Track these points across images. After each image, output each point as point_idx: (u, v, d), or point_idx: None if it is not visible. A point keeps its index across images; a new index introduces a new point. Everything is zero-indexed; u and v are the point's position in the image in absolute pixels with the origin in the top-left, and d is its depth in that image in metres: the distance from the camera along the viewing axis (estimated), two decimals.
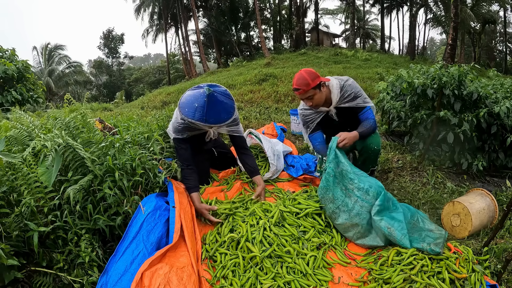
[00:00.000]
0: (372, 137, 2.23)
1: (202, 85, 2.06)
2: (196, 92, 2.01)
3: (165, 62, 28.02)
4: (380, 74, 8.25)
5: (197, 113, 1.95)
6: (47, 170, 1.61)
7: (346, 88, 2.17)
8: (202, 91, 1.98)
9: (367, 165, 2.33)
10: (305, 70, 2.12)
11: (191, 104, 1.97)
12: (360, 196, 1.80)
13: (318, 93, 2.12)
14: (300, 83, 2.07)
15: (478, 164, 2.57)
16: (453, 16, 10.53)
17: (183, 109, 2.00)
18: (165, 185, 2.07)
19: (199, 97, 1.97)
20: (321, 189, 1.92)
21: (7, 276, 1.32)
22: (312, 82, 2.06)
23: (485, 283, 1.45)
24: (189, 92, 2.06)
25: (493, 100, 2.68)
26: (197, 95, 1.99)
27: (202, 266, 1.65)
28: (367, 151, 2.25)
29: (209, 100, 1.96)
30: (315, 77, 2.08)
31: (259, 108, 6.04)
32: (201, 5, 23.10)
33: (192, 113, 1.96)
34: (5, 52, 6.62)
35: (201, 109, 1.95)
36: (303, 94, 2.11)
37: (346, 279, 1.58)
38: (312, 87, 2.06)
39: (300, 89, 2.07)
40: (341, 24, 34.26)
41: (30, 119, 2.31)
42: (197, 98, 1.97)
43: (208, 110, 1.96)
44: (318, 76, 2.10)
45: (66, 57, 23.08)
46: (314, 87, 2.07)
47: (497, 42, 25.22)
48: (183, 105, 2.01)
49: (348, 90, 2.17)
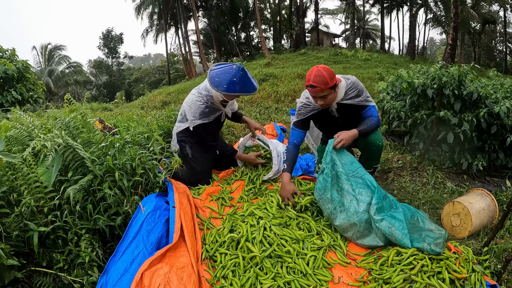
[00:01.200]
0: (376, 134, 2.19)
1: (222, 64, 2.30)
2: (228, 68, 2.21)
3: (165, 62, 28.02)
4: (380, 74, 8.25)
5: (237, 86, 2.18)
6: (47, 170, 1.61)
7: (350, 86, 2.10)
8: (234, 67, 2.20)
9: (370, 162, 2.31)
10: (323, 67, 1.96)
11: (229, 80, 2.16)
12: (355, 195, 1.80)
13: (332, 93, 2.01)
14: (318, 80, 1.91)
15: (478, 164, 2.57)
16: (453, 16, 10.54)
17: (221, 86, 2.17)
18: (165, 185, 2.08)
19: (233, 71, 2.18)
20: (318, 190, 1.90)
21: (7, 276, 1.32)
22: (330, 81, 1.93)
23: (485, 283, 1.45)
24: (217, 71, 2.23)
25: (493, 100, 2.68)
26: (230, 70, 2.19)
27: (202, 266, 1.65)
28: (371, 147, 2.20)
29: (244, 73, 2.21)
30: (333, 76, 1.95)
31: (259, 108, 6.04)
32: (201, 5, 23.09)
33: (232, 87, 2.17)
34: (5, 52, 6.62)
35: (240, 81, 2.18)
36: (319, 93, 1.97)
37: (346, 279, 1.58)
38: (330, 86, 1.95)
39: (318, 87, 1.92)
40: (341, 24, 34.32)
41: (30, 119, 2.31)
42: (232, 74, 2.17)
43: (246, 81, 2.22)
44: (335, 75, 1.99)
45: (66, 57, 23.10)
46: (331, 87, 1.97)
47: (497, 42, 25.23)
48: (220, 83, 2.17)
49: (352, 88, 2.11)
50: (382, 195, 1.78)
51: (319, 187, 1.90)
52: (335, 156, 1.94)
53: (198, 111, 2.32)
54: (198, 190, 2.29)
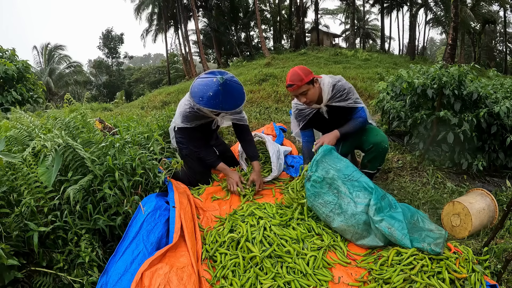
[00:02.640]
0: (382, 135, 2.26)
1: (212, 72, 2.09)
2: (209, 81, 2.02)
3: (165, 62, 28.01)
4: (380, 74, 8.24)
5: (212, 101, 1.98)
6: (47, 170, 1.61)
7: (338, 87, 2.18)
8: (215, 79, 1.99)
9: (374, 163, 2.33)
10: (298, 67, 2.13)
11: (205, 93, 1.99)
12: (353, 198, 1.80)
13: (311, 88, 2.13)
14: (293, 78, 2.07)
15: (478, 164, 2.57)
16: (453, 16, 10.54)
17: (197, 98, 2.02)
18: (165, 185, 2.07)
19: (212, 85, 1.98)
20: (309, 198, 1.91)
21: (7, 276, 1.33)
22: (305, 77, 2.07)
23: (485, 283, 1.45)
24: (200, 81, 2.07)
25: (493, 100, 2.68)
26: (210, 83, 2.00)
27: (202, 266, 1.65)
28: (378, 149, 2.25)
29: (223, 89, 1.99)
30: (308, 73, 2.10)
31: (259, 108, 6.05)
32: (201, 5, 23.09)
33: (206, 102, 1.99)
34: (5, 52, 6.61)
35: (216, 97, 1.98)
36: (297, 90, 2.11)
37: (346, 279, 1.58)
38: (306, 82, 2.07)
39: (294, 84, 2.07)
40: (341, 24, 34.32)
41: (30, 119, 2.31)
42: (211, 87, 1.99)
43: (224, 98, 1.99)
44: (311, 72, 2.12)
45: (66, 57, 23.08)
46: (308, 82, 2.08)
47: (497, 42, 25.23)
48: (196, 94, 2.03)
49: (340, 90, 2.18)
50: (380, 195, 1.78)
51: (309, 194, 1.90)
52: (328, 162, 1.94)
53: (182, 114, 2.23)
54: (198, 190, 2.30)
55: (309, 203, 1.93)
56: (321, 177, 1.89)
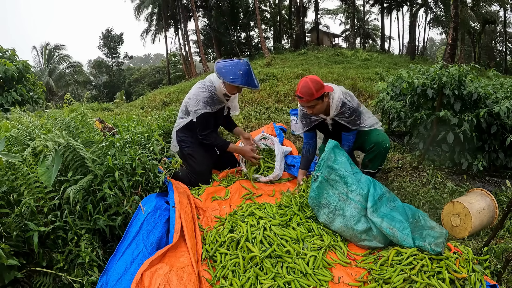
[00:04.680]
0: (383, 135, 2.27)
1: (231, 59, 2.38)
2: (235, 62, 2.34)
3: (165, 62, 28.01)
4: (380, 74, 8.23)
5: (243, 79, 2.29)
6: (47, 170, 1.61)
7: (348, 107, 2.13)
8: (241, 60, 2.33)
9: (375, 163, 2.34)
10: (311, 78, 2.05)
11: (235, 72, 2.28)
12: (353, 198, 1.80)
13: (320, 103, 2.09)
14: (304, 91, 2.02)
15: (478, 164, 2.57)
16: (453, 16, 10.53)
17: (227, 77, 2.27)
18: (165, 185, 2.08)
19: (241, 65, 2.30)
20: (312, 198, 1.92)
21: (7, 276, 1.32)
22: (316, 93, 2.01)
23: (485, 283, 1.45)
24: (225, 63, 2.34)
25: (493, 100, 2.67)
26: (237, 64, 2.31)
27: (202, 266, 1.65)
28: (379, 148, 2.26)
29: (250, 68, 2.34)
30: (319, 88, 2.03)
31: (259, 108, 6.04)
32: (201, 5, 23.08)
33: (239, 79, 2.27)
34: (5, 52, 6.60)
35: (246, 75, 2.29)
36: (305, 103, 2.08)
37: (346, 279, 1.58)
38: (315, 98, 2.03)
39: (303, 98, 2.03)
40: (341, 24, 34.33)
41: (30, 119, 2.31)
42: (239, 67, 2.30)
43: (251, 76, 2.34)
44: (323, 87, 2.05)
45: (66, 57, 23.05)
46: (317, 98, 2.04)
47: (497, 42, 25.22)
48: (226, 74, 2.28)
49: (348, 112, 2.14)
50: (377, 196, 1.78)
51: (313, 194, 1.91)
52: (331, 162, 1.94)
53: (202, 100, 2.38)
54: (198, 190, 2.30)
55: (311, 203, 1.93)
56: (324, 177, 1.89)
